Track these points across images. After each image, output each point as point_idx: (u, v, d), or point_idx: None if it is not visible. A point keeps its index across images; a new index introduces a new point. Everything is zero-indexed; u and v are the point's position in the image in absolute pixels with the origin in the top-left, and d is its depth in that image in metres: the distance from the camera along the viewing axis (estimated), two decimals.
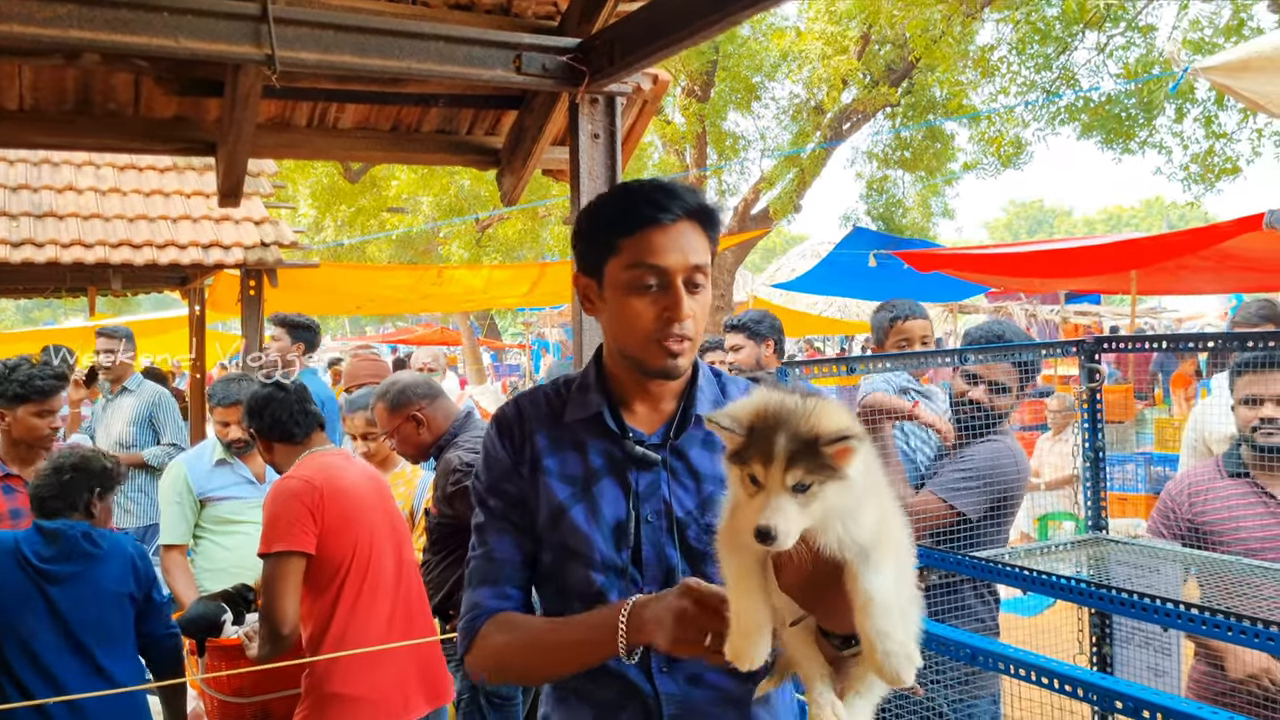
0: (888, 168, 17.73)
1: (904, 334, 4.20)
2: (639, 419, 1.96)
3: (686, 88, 15.84)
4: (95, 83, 3.41)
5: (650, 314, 1.85)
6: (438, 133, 4.09)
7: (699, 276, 1.86)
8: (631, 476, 1.91)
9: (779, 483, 1.39)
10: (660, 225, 1.83)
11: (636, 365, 1.91)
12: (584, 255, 1.95)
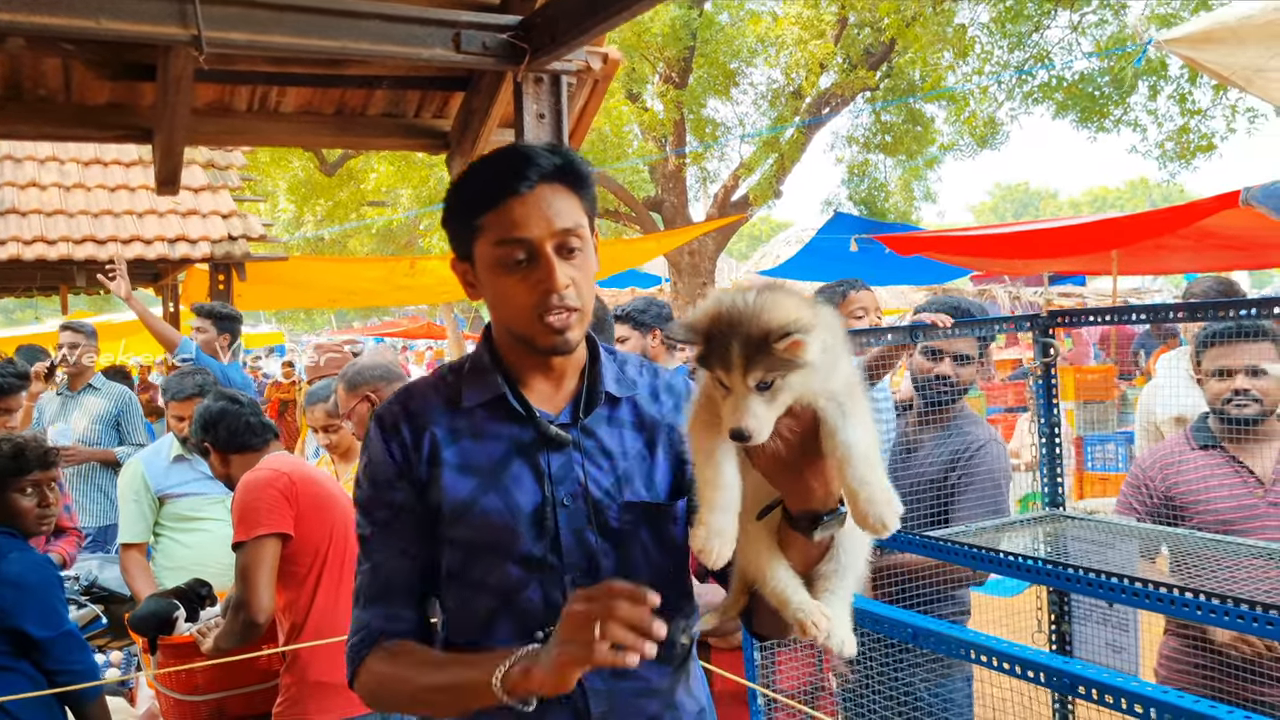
0: (868, 152, 17.68)
1: (858, 304, 4.09)
2: (542, 398, 1.86)
3: (664, 74, 15.75)
4: (24, 68, 3.32)
5: (525, 290, 1.75)
6: (385, 116, 4.01)
7: (573, 240, 1.76)
8: (542, 459, 1.81)
9: (742, 385, 1.40)
10: (518, 195, 1.72)
11: (526, 345, 1.81)
12: (453, 239, 1.86)
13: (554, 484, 1.80)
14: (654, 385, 1.95)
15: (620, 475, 1.83)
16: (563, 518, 1.78)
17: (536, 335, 1.77)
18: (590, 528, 1.80)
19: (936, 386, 3.59)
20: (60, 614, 3.50)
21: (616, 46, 15.25)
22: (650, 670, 1.81)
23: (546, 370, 1.87)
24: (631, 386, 1.92)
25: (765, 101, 17.19)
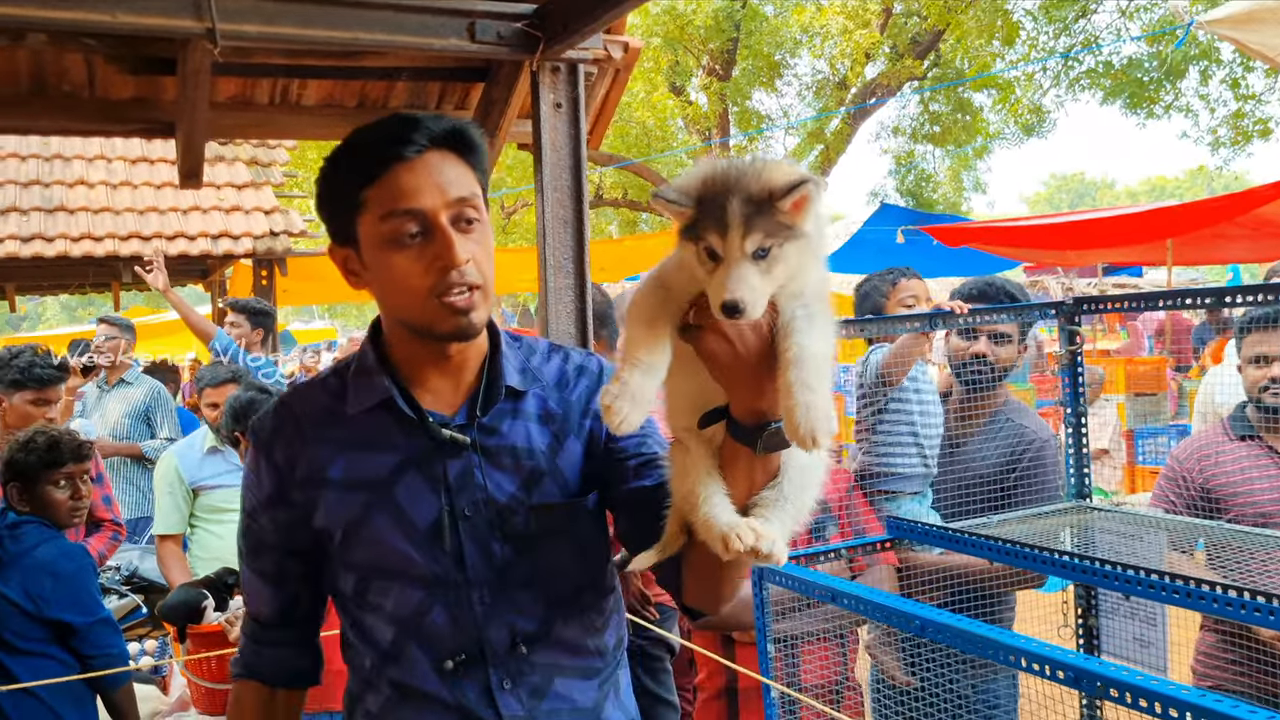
0: (915, 142, 17.46)
1: (909, 291, 3.92)
2: (437, 398, 1.68)
3: (708, 67, 15.68)
4: (48, 64, 3.37)
5: (420, 269, 1.56)
6: (407, 108, 4.01)
7: (470, 211, 1.59)
8: (439, 467, 1.63)
9: (739, 250, 1.29)
10: (405, 161, 1.55)
11: (423, 333, 1.63)
12: (331, 222, 1.66)
13: (453, 494, 1.63)
14: (563, 370, 1.79)
15: (527, 476, 1.67)
16: (464, 530, 1.62)
17: (435, 320, 1.59)
18: (496, 537, 1.63)
19: (974, 368, 3.51)
20: (95, 600, 3.57)
21: (660, 39, 15.25)
22: (573, 688, 1.68)
23: (442, 364, 1.68)
24: (536, 377, 1.75)
25: (810, 92, 17.05)
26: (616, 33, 3.82)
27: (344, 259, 1.67)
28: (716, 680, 3.27)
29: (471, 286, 1.58)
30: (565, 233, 3.44)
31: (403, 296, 1.59)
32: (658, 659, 3.76)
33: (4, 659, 3.32)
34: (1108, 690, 1.96)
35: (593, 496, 1.72)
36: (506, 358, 1.72)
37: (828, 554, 3.08)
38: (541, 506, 1.66)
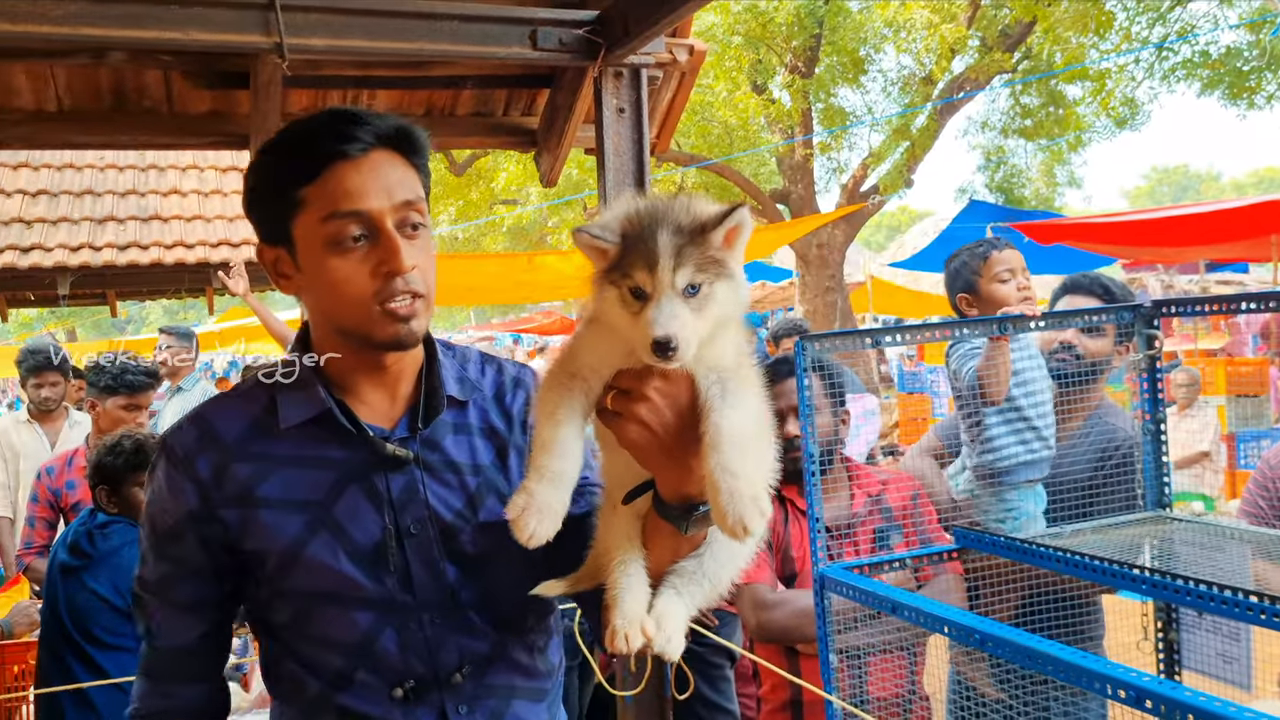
0: (1005, 137, 17.04)
1: (1003, 265, 3.60)
2: (373, 411, 1.59)
3: (790, 64, 15.53)
4: (127, 81, 3.49)
5: (363, 274, 1.48)
6: (473, 115, 4.06)
7: (415, 215, 1.51)
8: (380, 483, 1.54)
9: (668, 285, 1.23)
10: (349, 159, 1.47)
11: (361, 341, 1.54)
12: (263, 221, 1.56)
13: (396, 511, 1.54)
14: (499, 382, 1.72)
15: (473, 492, 1.60)
16: (410, 549, 1.54)
17: (375, 327, 1.50)
18: (443, 557, 1.55)
19: (1064, 358, 3.37)
20: None
21: (741, 37, 15.16)
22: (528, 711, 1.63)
23: (378, 375, 1.60)
24: (475, 386, 1.67)
25: (895, 88, 16.78)
26: (682, 36, 3.81)
27: (274, 260, 1.57)
28: (780, 693, 3.22)
29: (414, 294, 1.51)
30: None
31: (341, 302, 1.50)
32: (717, 666, 3.72)
33: (94, 653, 3.45)
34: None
35: None
36: (444, 367, 1.65)
37: (892, 564, 3.02)
38: (488, 525, 1.57)
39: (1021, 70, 15.52)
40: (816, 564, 2.92)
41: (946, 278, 3.80)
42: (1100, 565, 2.55)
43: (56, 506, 4.75)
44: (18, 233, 7.76)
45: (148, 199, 8.34)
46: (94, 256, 7.67)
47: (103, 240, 7.81)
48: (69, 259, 7.59)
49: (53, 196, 8.30)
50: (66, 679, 3.40)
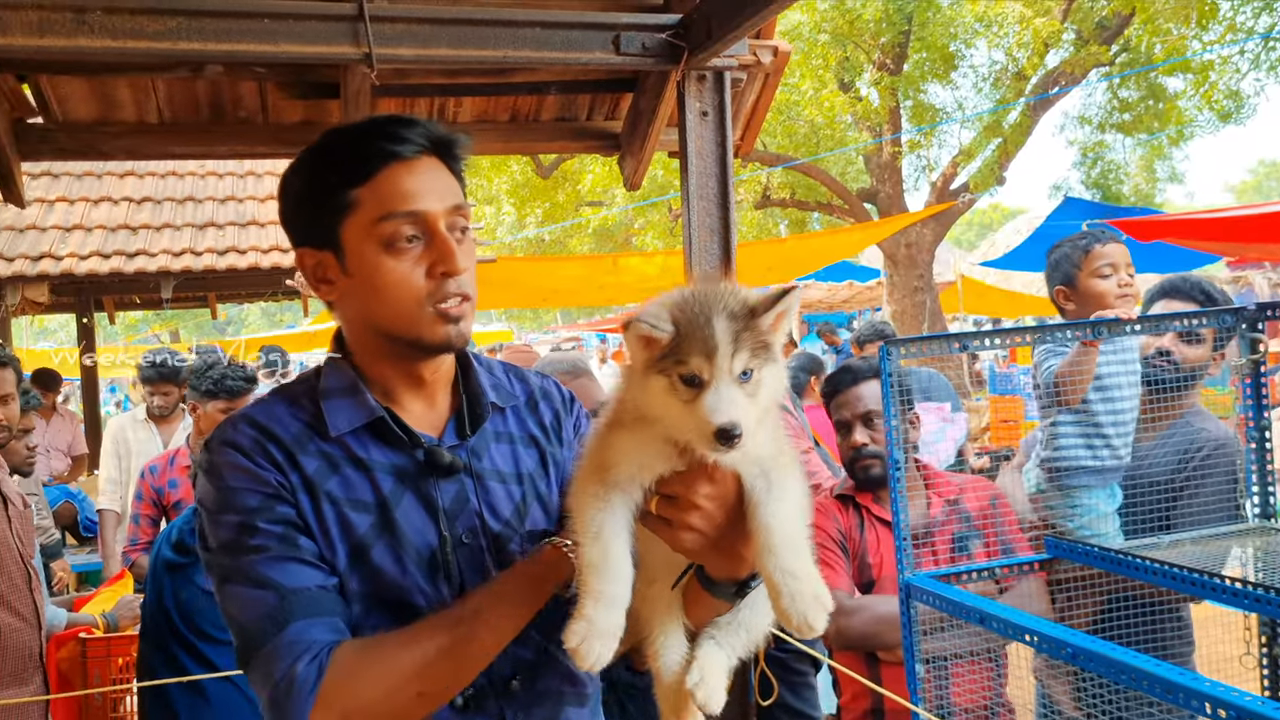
0: (1103, 132, 16.56)
1: (1105, 259, 3.44)
2: (416, 419, 1.56)
3: (879, 61, 15.32)
4: (224, 93, 3.59)
5: (417, 275, 1.46)
6: (557, 120, 4.09)
7: (462, 220, 1.52)
8: (432, 491, 1.52)
9: (727, 371, 1.23)
10: (403, 160, 1.47)
11: (410, 345, 1.52)
12: (309, 225, 1.52)
13: (449, 519, 1.52)
14: (528, 391, 1.72)
15: (519, 501, 1.59)
16: (463, 558, 1.52)
17: (426, 329, 1.49)
18: (494, 566, 1.53)
19: (1159, 364, 3.26)
20: None
21: (828, 35, 15.00)
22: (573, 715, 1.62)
23: (417, 384, 1.58)
24: (511, 394, 1.67)
25: (986, 84, 16.43)
26: (766, 37, 3.78)
27: (316, 264, 1.53)
28: (861, 702, 3.18)
29: (464, 297, 1.50)
30: (712, 240, 3.41)
31: (393, 304, 1.48)
32: (800, 673, 3.68)
33: (204, 648, 3.57)
34: None
35: None
36: (479, 374, 1.64)
37: (979, 573, 2.96)
38: (534, 534, 1.58)
39: (1119, 64, 15.08)
40: (902, 572, 2.87)
41: (1047, 268, 3.66)
42: (1201, 579, 2.46)
43: (159, 504, 4.92)
44: (124, 239, 8.07)
45: (245, 205, 8.60)
46: (195, 261, 7.93)
47: (203, 245, 8.07)
48: (171, 263, 7.87)
49: (157, 203, 8.61)
50: (175, 672, 3.52)
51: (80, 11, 2.82)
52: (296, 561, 1.42)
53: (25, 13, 2.80)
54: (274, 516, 1.43)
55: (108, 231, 8.15)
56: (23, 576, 3.71)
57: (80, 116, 3.61)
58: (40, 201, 8.38)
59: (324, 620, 1.40)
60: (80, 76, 3.37)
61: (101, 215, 8.33)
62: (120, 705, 4.28)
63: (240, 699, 3.58)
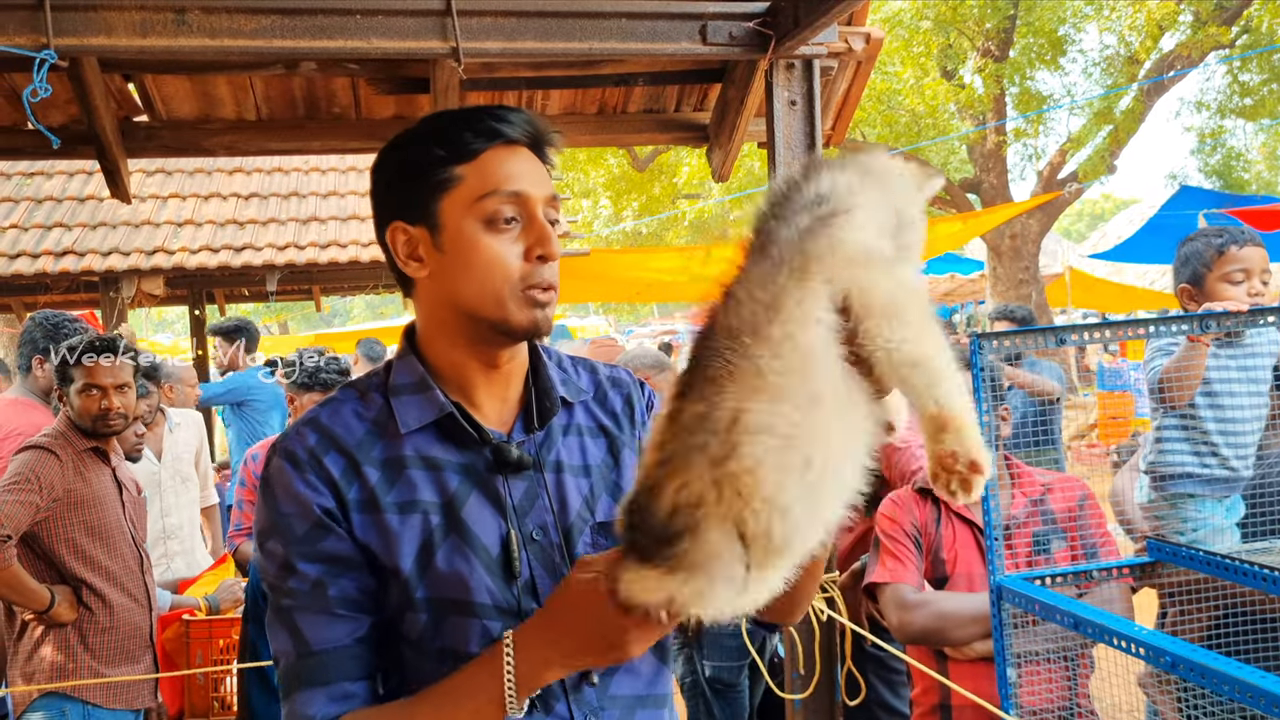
0: (1223, 117, 15.86)
1: (1238, 264, 3.25)
2: (485, 414, 1.54)
3: (983, 47, 14.92)
4: (318, 89, 3.67)
5: (514, 255, 1.46)
6: (645, 112, 4.07)
7: (554, 212, 1.52)
8: (501, 488, 1.50)
9: None
10: (508, 143, 1.47)
11: (493, 327, 1.48)
12: (406, 200, 1.50)
13: (519, 516, 1.49)
14: (596, 382, 1.68)
15: (588, 494, 1.55)
16: (533, 555, 1.48)
17: (515, 310, 1.46)
18: (564, 563, 1.49)
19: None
20: None
21: (931, 22, 14.68)
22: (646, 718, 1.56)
23: (491, 376, 1.55)
24: (579, 387, 1.64)
25: (1097, 69, 15.88)
26: (858, 23, 3.71)
27: (408, 240, 1.51)
28: (931, 696, 3.11)
29: (552, 286, 1.50)
30: None
31: (485, 283, 1.46)
32: (897, 671, 3.62)
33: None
34: None
35: None
36: (550, 368, 1.62)
37: (1078, 575, 2.85)
38: (603, 525, 1.54)
39: (1240, 45, 14.41)
40: (993, 574, 2.79)
41: (1175, 262, 3.47)
42: None
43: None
44: (232, 233, 8.34)
45: (347, 200, 8.80)
46: (298, 255, 8.15)
47: (306, 239, 8.29)
48: (276, 257, 8.10)
49: (263, 199, 8.88)
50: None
51: (180, 12, 2.91)
52: (326, 615, 1.43)
53: (128, 14, 2.89)
54: (314, 554, 1.43)
55: (216, 226, 8.43)
56: (135, 560, 3.87)
57: (183, 114, 3.72)
58: (154, 197, 8.71)
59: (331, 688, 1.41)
60: (182, 75, 3.47)
61: (211, 211, 8.62)
62: (221, 685, 4.42)
63: None
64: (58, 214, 8.38)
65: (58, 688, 3.55)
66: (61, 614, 3.59)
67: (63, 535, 3.61)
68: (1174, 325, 2.77)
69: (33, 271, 7.72)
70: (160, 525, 5.24)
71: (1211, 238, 3.37)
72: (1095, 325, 2.76)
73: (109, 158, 3.54)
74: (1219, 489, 3.22)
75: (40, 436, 3.66)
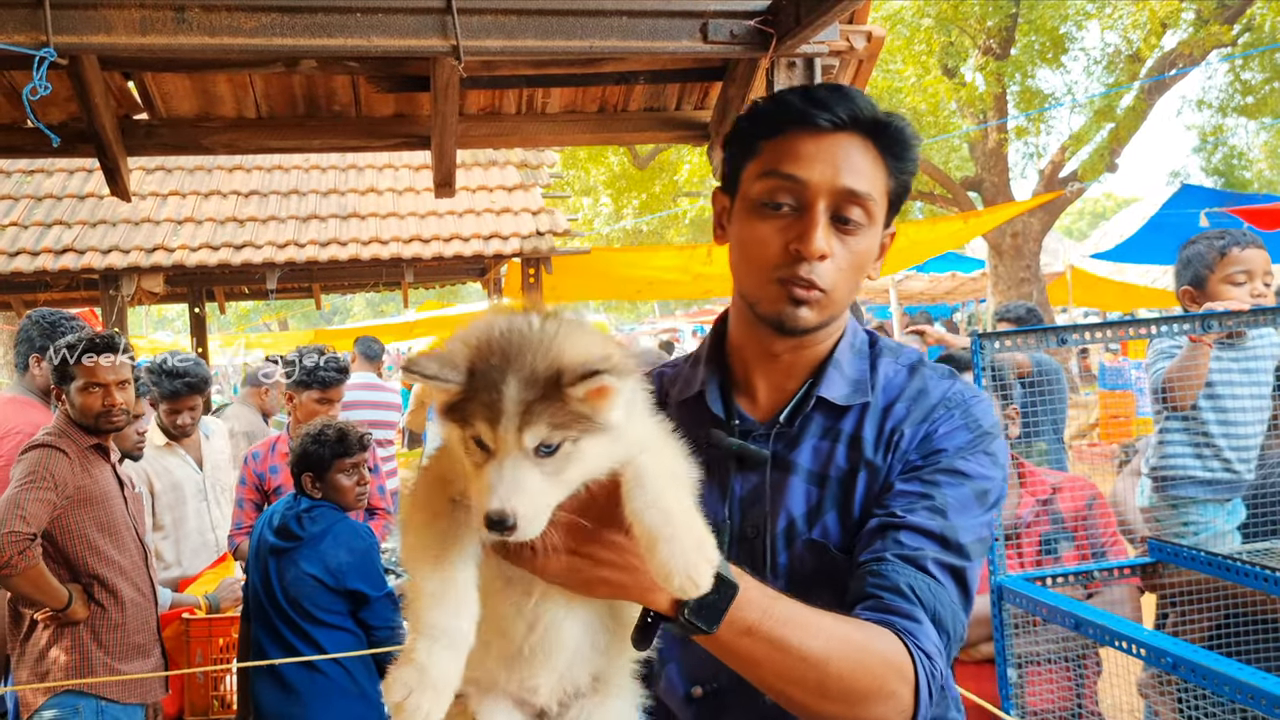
0: (1224, 116, 15.84)
1: (1240, 265, 3.28)
2: (756, 401, 1.51)
3: (984, 45, 14.90)
4: (318, 87, 3.65)
5: (775, 242, 1.40)
6: (646, 110, 4.05)
7: (854, 210, 1.40)
8: (731, 478, 1.47)
9: (514, 445, 1.01)
10: (814, 129, 1.39)
11: (753, 309, 1.46)
12: (726, 164, 1.53)
13: (741, 510, 1.45)
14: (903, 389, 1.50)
15: (814, 504, 1.45)
16: (741, 552, 1.45)
17: (765, 298, 1.43)
18: (769, 567, 1.44)
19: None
20: (381, 575, 3.91)
21: (932, 19, 14.65)
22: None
23: (769, 363, 1.51)
24: (867, 391, 1.49)
25: (1099, 67, 15.86)
26: (859, 21, 3.69)
27: (720, 211, 1.56)
28: None
29: (814, 285, 1.40)
30: None
31: (747, 264, 1.46)
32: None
33: (310, 629, 3.71)
34: None
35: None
36: (839, 366, 1.50)
37: (1078, 576, 2.85)
38: (812, 544, 1.45)
39: (1242, 44, 14.39)
40: (994, 574, 2.79)
41: (1177, 264, 3.49)
42: None
43: (261, 489, 5.07)
44: (232, 231, 8.34)
45: (347, 198, 8.79)
46: (298, 253, 8.15)
47: (306, 237, 8.28)
48: (276, 255, 8.10)
49: (263, 197, 8.87)
50: (284, 651, 3.66)
51: (180, 10, 2.89)
52: None
53: (128, 11, 2.88)
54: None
55: (216, 224, 8.42)
56: (140, 554, 3.89)
57: (183, 112, 3.71)
58: (154, 195, 8.70)
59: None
60: (182, 73, 3.46)
61: (211, 208, 8.62)
62: (220, 684, 4.42)
63: (345, 677, 3.71)
64: (58, 211, 8.37)
65: (73, 685, 3.56)
66: (77, 612, 3.60)
67: (76, 532, 3.62)
68: (1176, 325, 2.77)
69: (32, 269, 7.72)
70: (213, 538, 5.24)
71: (1214, 240, 3.38)
72: (1096, 325, 2.76)
73: (109, 156, 3.52)
74: (1221, 491, 3.21)
75: (44, 435, 3.66)
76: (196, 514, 5.19)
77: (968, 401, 1.47)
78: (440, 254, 8.24)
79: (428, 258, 8.22)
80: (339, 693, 3.68)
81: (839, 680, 1.21)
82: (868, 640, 1.27)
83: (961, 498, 1.39)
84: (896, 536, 1.36)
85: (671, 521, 1.05)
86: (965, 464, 1.41)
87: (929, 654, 1.29)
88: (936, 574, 1.34)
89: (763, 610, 1.19)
